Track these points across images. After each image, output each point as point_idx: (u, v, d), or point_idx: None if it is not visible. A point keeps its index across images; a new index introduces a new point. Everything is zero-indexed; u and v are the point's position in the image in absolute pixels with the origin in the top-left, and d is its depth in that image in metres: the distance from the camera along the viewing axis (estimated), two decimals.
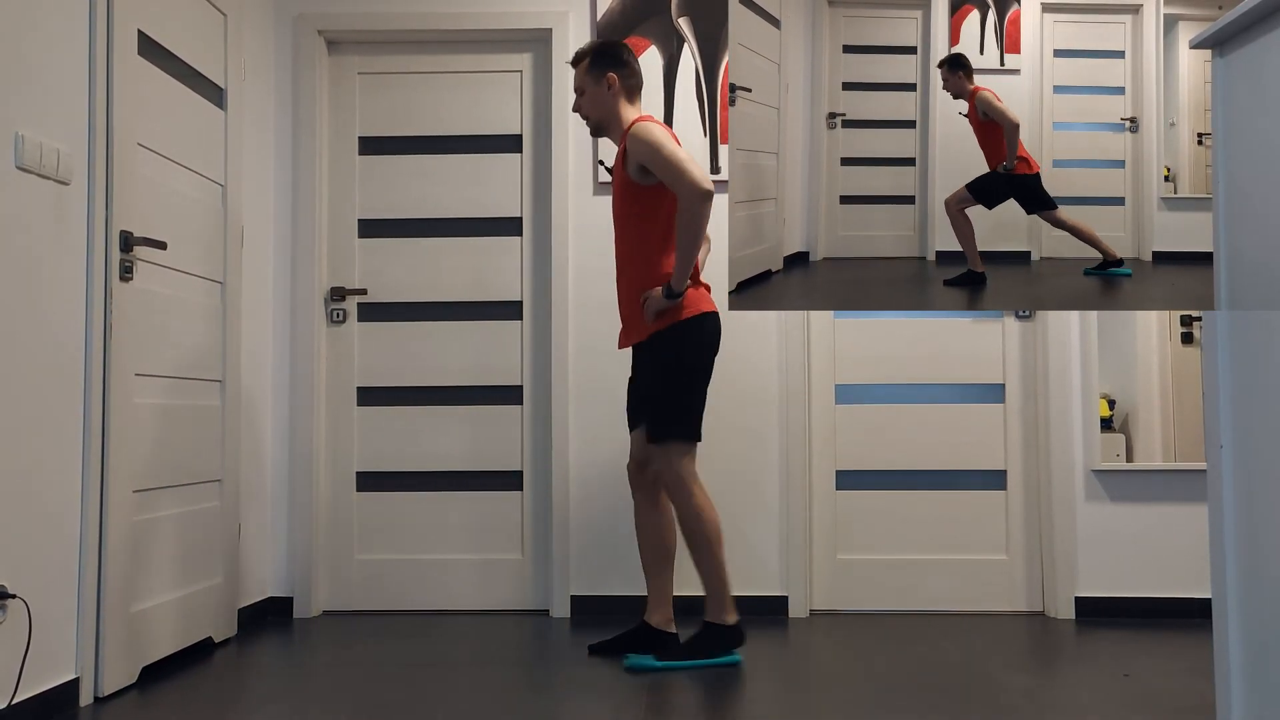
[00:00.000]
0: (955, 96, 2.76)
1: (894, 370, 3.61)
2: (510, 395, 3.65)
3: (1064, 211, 2.76)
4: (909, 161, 2.60)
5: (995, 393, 3.60)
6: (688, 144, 3.55)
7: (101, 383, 2.51)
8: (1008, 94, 2.61)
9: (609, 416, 3.54)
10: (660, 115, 3.56)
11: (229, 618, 3.18)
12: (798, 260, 2.57)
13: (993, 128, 2.78)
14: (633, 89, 2.92)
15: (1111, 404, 3.53)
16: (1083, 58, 2.63)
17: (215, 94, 3.17)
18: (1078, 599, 3.47)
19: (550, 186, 3.61)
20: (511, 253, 3.66)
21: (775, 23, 2.59)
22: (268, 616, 3.52)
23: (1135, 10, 2.62)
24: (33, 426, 2.27)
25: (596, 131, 2.95)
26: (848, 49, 2.60)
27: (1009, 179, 2.84)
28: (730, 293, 2.44)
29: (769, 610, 3.50)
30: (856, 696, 2.49)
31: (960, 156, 2.59)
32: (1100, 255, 2.73)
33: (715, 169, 3.54)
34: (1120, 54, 2.63)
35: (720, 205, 3.56)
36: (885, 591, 3.54)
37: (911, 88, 2.63)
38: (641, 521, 2.93)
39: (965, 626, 3.31)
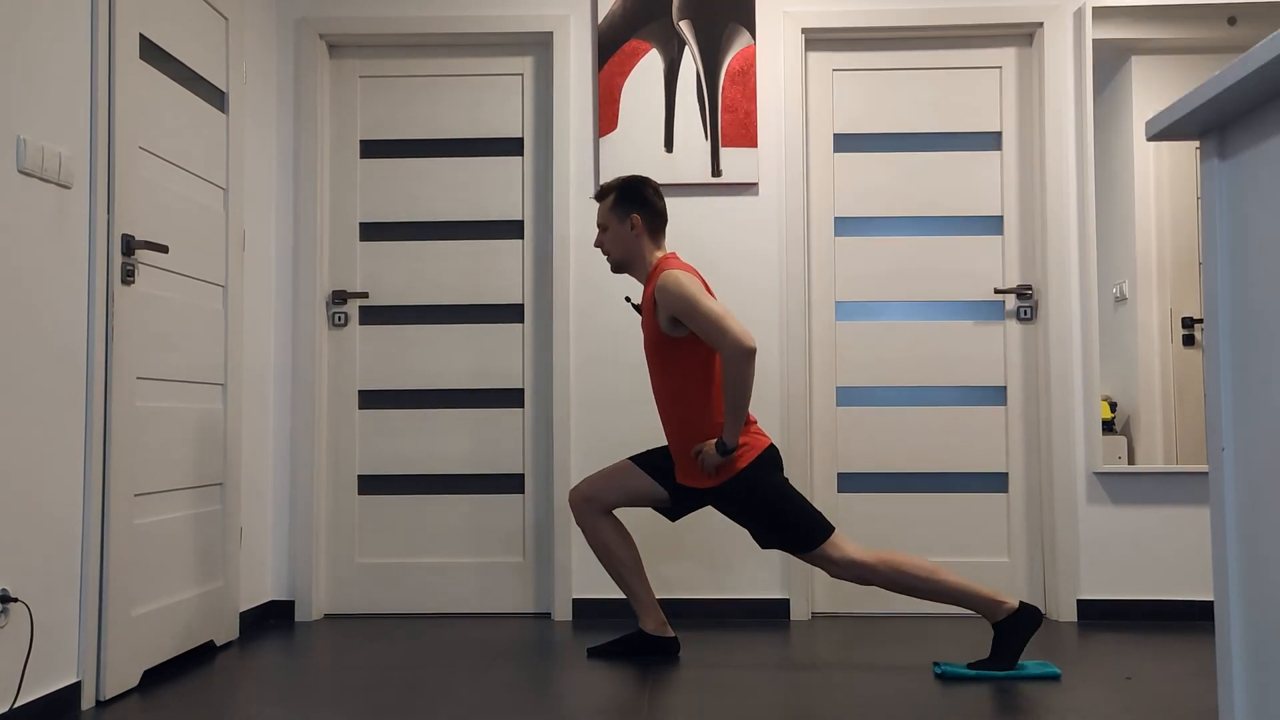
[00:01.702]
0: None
1: (895, 373, 3.61)
2: (511, 398, 3.65)
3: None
4: None
5: (997, 395, 3.60)
6: (688, 147, 3.55)
7: (103, 386, 2.51)
8: None
9: (610, 419, 3.54)
10: (661, 118, 3.56)
11: (230, 621, 3.18)
12: None
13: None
14: (657, 228, 2.89)
15: (1113, 406, 3.52)
16: None
17: (217, 97, 3.17)
18: (1079, 601, 3.46)
19: (551, 189, 3.61)
20: (513, 256, 3.66)
21: None
22: (269, 620, 3.53)
23: None
24: (34, 430, 2.27)
25: (617, 269, 2.92)
26: None
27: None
28: None
29: (771, 613, 3.49)
30: (858, 699, 2.48)
31: None
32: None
33: (717, 171, 3.54)
34: None
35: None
36: (886, 594, 3.54)
37: None
38: (594, 544, 2.92)
39: (966, 629, 3.30)
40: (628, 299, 3.11)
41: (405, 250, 3.68)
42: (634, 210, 2.86)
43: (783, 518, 2.74)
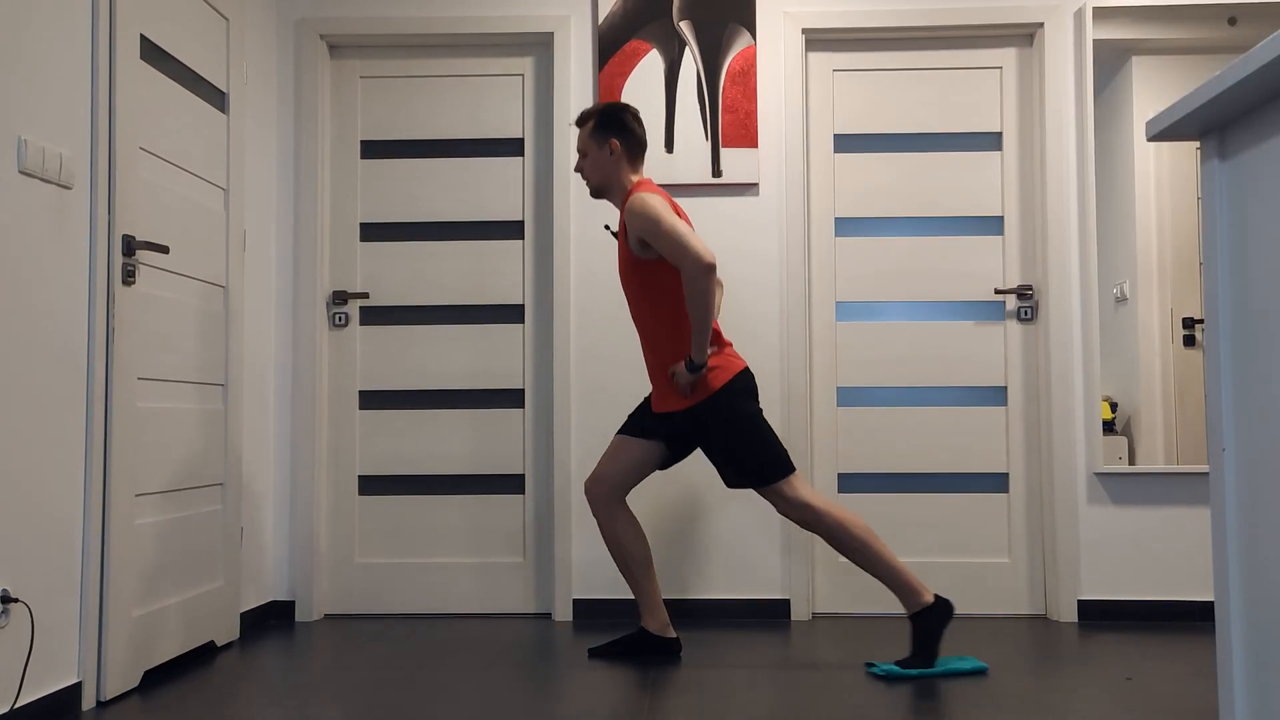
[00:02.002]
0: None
1: (896, 373, 3.61)
2: (512, 398, 3.65)
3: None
4: None
5: (997, 395, 3.60)
6: (689, 147, 3.55)
7: (104, 386, 2.51)
8: None
9: (611, 419, 3.54)
10: (662, 118, 3.56)
11: (231, 621, 3.18)
12: None
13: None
14: (635, 154, 2.92)
15: (1114, 406, 3.52)
16: None
17: (217, 98, 3.17)
18: (1080, 602, 3.46)
19: (552, 190, 3.61)
20: (513, 256, 3.67)
21: None
22: (270, 620, 3.53)
23: None
24: (35, 430, 2.28)
25: (596, 194, 2.95)
26: None
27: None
28: None
29: (771, 613, 3.49)
30: (859, 700, 2.48)
31: None
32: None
33: (717, 172, 3.54)
34: None
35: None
36: (887, 595, 3.54)
37: None
38: (608, 537, 2.93)
39: (967, 629, 3.30)
40: (606, 226, 3.12)
41: (406, 251, 3.68)
42: (613, 135, 2.89)
43: (748, 448, 2.78)
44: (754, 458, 2.78)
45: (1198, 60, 3.54)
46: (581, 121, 2.94)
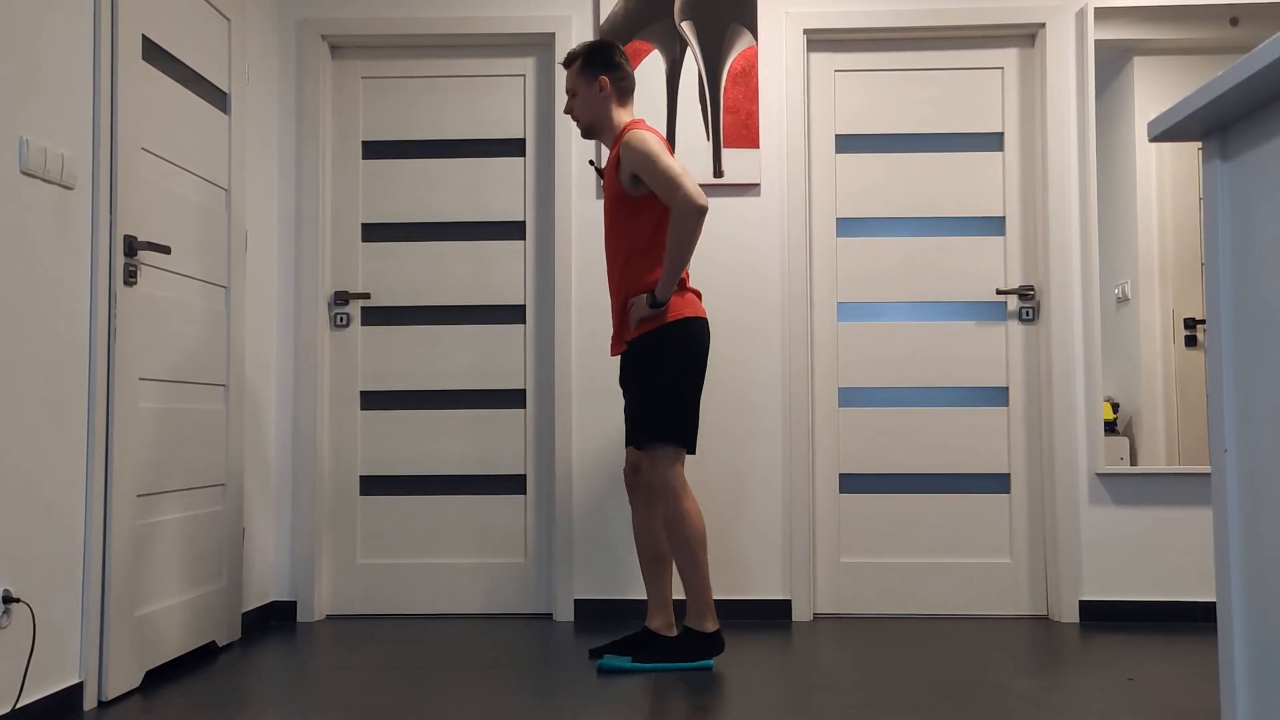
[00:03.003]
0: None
1: (897, 373, 3.61)
2: (513, 399, 3.65)
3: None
4: None
5: (999, 396, 3.60)
6: (691, 148, 3.55)
7: (105, 386, 2.51)
8: None
9: (612, 419, 3.54)
10: (663, 119, 3.56)
11: (232, 622, 3.18)
12: None
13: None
14: (625, 91, 2.91)
15: (1115, 407, 3.52)
16: None
17: (219, 98, 3.17)
18: (1081, 603, 3.46)
19: (553, 190, 3.61)
20: (514, 256, 3.67)
21: None
22: (271, 620, 3.53)
23: None
24: (37, 430, 2.28)
25: (587, 134, 2.95)
26: None
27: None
28: None
29: (772, 614, 3.49)
30: (860, 701, 2.48)
31: None
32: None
33: (719, 172, 3.54)
34: None
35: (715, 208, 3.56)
36: (888, 595, 3.54)
37: None
38: (638, 527, 2.93)
39: (969, 630, 3.30)
40: (591, 162, 3.11)
41: (407, 251, 3.68)
42: (601, 72, 2.88)
43: (654, 398, 2.75)
44: (657, 409, 2.75)
45: (1199, 61, 3.53)
46: (569, 61, 2.92)
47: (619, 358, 3.00)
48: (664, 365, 2.77)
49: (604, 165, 3.14)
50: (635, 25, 3.59)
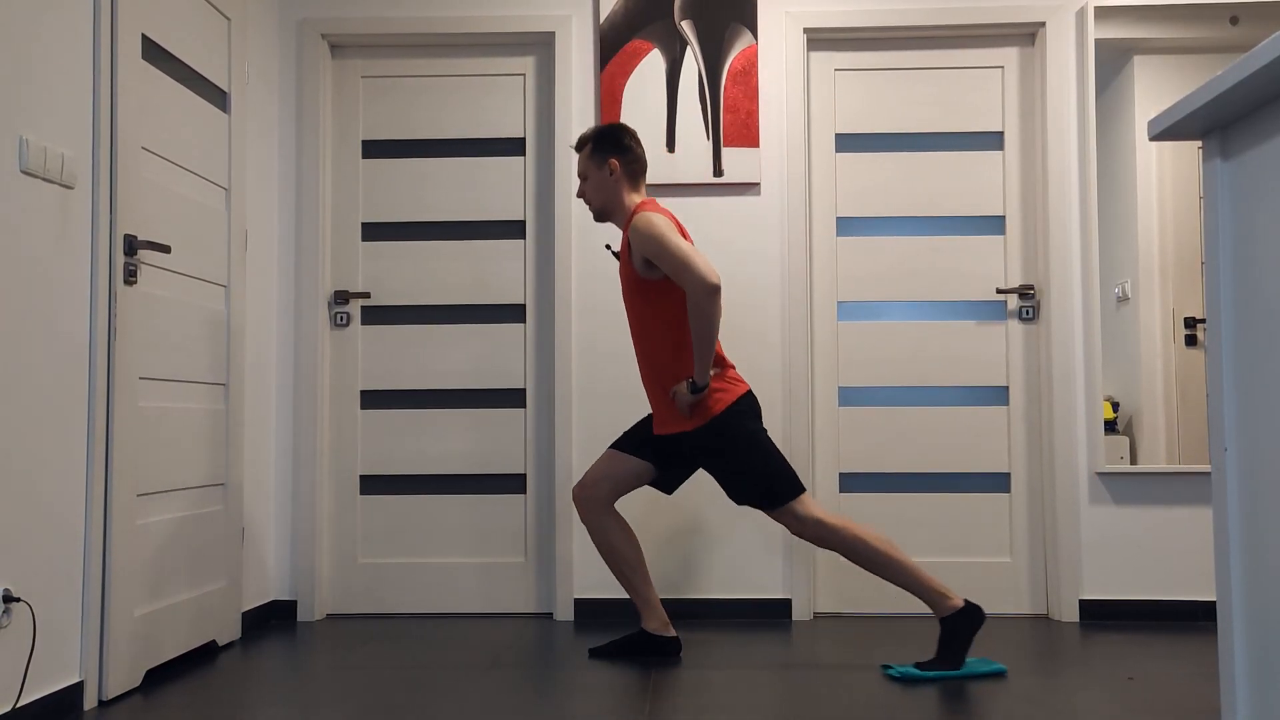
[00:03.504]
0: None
1: (897, 373, 3.61)
2: (513, 398, 3.65)
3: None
4: None
5: (999, 395, 3.60)
6: (690, 147, 3.55)
7: (105, 386, 2.51)
8: None
9: (612, 419, 3.55)
10: (663, 118, 3.56)
11: (233, 621, 3.18)
12: None
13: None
14: (636, 174, 2.90)
15: (1115, 406, 3.52)
16: None
17: (219, 98, 3.17)
18: (1082, 602, 3.46)
19: (553, 190, 3.61)
20: (514, 256, 3.67)
21: None
22: (271, 620, 3.53)
23: None
24: (37, 430, 2.28)
25: (599, 217, 2.93)
26: None
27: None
28: None
29: (772, 613, 3.49)
30: (860, 700, 2.48)
31: None
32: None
33: (719, 172, 3.54)
34: None
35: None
36: (889, 594, 3.54)
37: None
38: (599, 542, 2.93)
39: None
40: (608, 246, 3.11)
41: (407, 250, 3.68)
42: (612, 156, 2.88)
43: (754, 468, 2.75)
44: (763, 478, 2.75)
45: (1199, 60, 3.53)
46: (580, 145, 2.92)
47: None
48: (744, 444, 2.76)
49: (619, 249, 3.13)
50: (635, 24, 3.59)
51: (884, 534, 2.75)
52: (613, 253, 3.01)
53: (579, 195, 2.95)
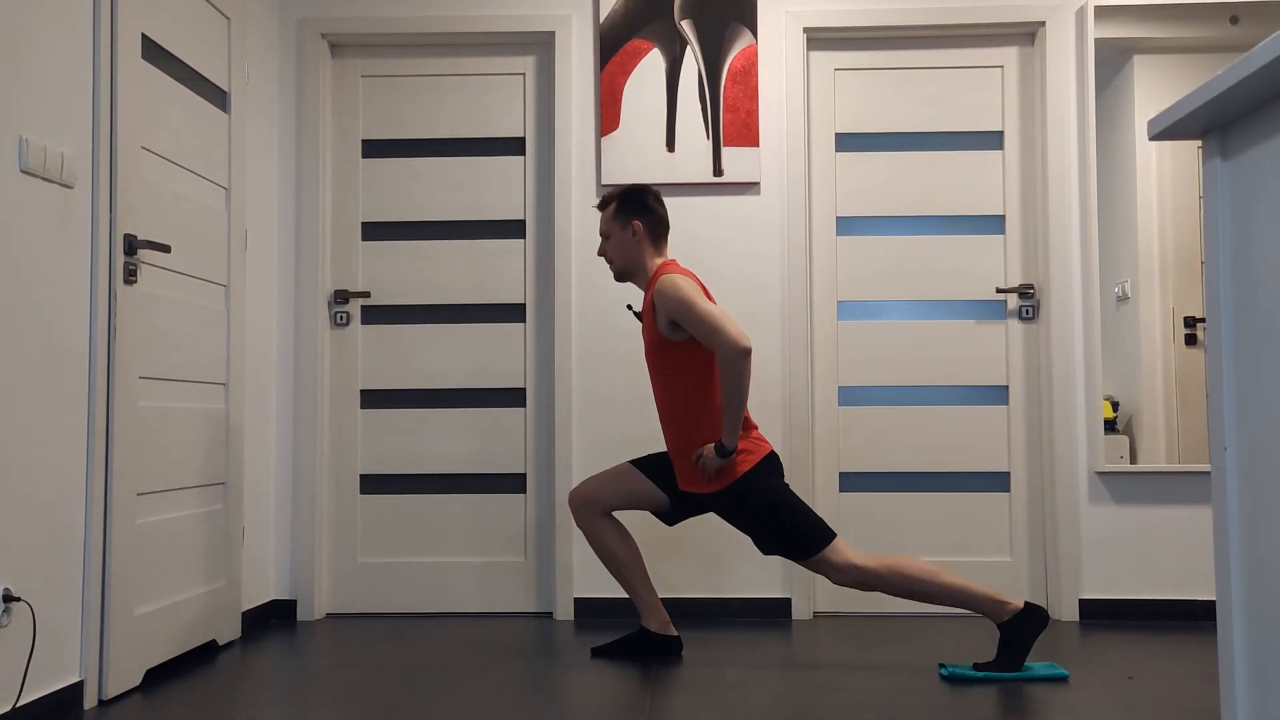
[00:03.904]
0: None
1: (897, 372, 3.61)
2: (513, 398, 3.65)
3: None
4: None
5: (999, 395, 3.60)
6: (690, 146, 3.55)
7: (105, 386, 2.51)
8: None
9: (612, 418, 3.55)
10: (663, 118, 3.56)
11: (233, 620, 3.18)
12: None
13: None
14: (659, 236, 2.90)
15: (1115, 406, 3.52)
16: None
17: (219, 97, 3.17)
18: (1081, 601, 3.46)
19: (553, 189, 3.61)
20: (514, 255, 3.67)
21: None
22: (271, 619, 3.53)
23: None
24: (37, 430, 2.28)
25: (620, 277, 2.93)
26: None
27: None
28: None
29: (772, 612, 3.49)
30: (859, 699, 2.48)
31: None
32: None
33: (718, 171, 3.54)
34: None
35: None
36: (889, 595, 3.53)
37: None
38: (596, 547, 2.93)
39: (968, 628, 3.30)
40: (629, 307, 3.11)
41: (407, 250, 3.68)
42: (635, 217, 2.88)
43: (783, 524, 2.74)
44: (794, 531, 2.73)
45: (1199, 59, 3.53)
46: (603, 205, 2.92)
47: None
48: (769, 498, 2.74)
49: (641, 309, 3.13)
50: (635, 24, 3.59)
51: (924, 562, 2.72)
52: (634, 314, 3.00)
53: (600, 254, 2.94)
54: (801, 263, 3.54)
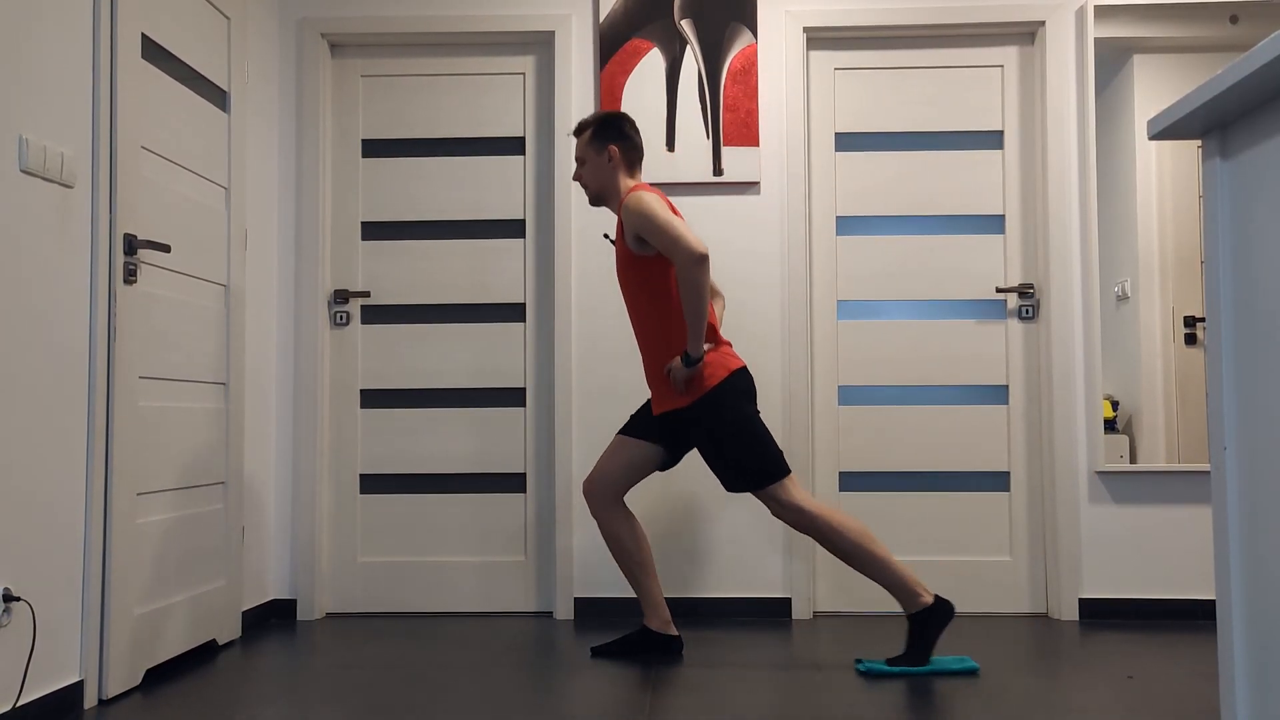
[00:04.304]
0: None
1: (897, 372, 3.61)
2: (513, 397, 3.65)
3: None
4: None
5: (999, 394, 3.60)
6: (691, 146, 3.55)
7: (105, 385, 2.51)
8: None
9: (612, 417, 3.55)
10: (663, 117, 3.56)
11: (233, 620, 3.18)
12: None
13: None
14: (633, 161, 2.94)
15: (1115, 405, 3.52)
16: None
17: (219, 97, 3.17)
18: (1081, 600, 3.46)
19: (553, 189, 3.61)
20: (514, 255, 3.67)
21: None
22: (271, 619, 3.53)
23: None
24: (37, 429, 2.28)
25: (595, 201, 2.96)
26: None
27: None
28: None
29: (772, 612, 3.49)
30: (860, 699, 2.48)
31: None
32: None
33: (718, 171, 3.54)
34: None
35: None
36: (888, 593, 3.53)
37: None
38: (607, 536, 2.94)
39: (969, 628, 3.30)
40: (605, 235, 3.13)
41: (407, 249, 3.68)
42: (611, 142, 2.91)
43: (747, 449, 2.78)
44: (751, 459, 2.78)
45: (1199, 59, 3.53)
46: (579, 130, 2.95)
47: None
48: (734, 419, 2.78)
49: (614, 235, 3.16)
50: (635, 23, 3.59)
51: (864, 527, 2.77)
52: (610, 240, 3.05)
53: (575, 179, 2.98)
54: (801, 262, 3.54)
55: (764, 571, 3.51)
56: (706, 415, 2.80)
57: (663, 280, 2.82)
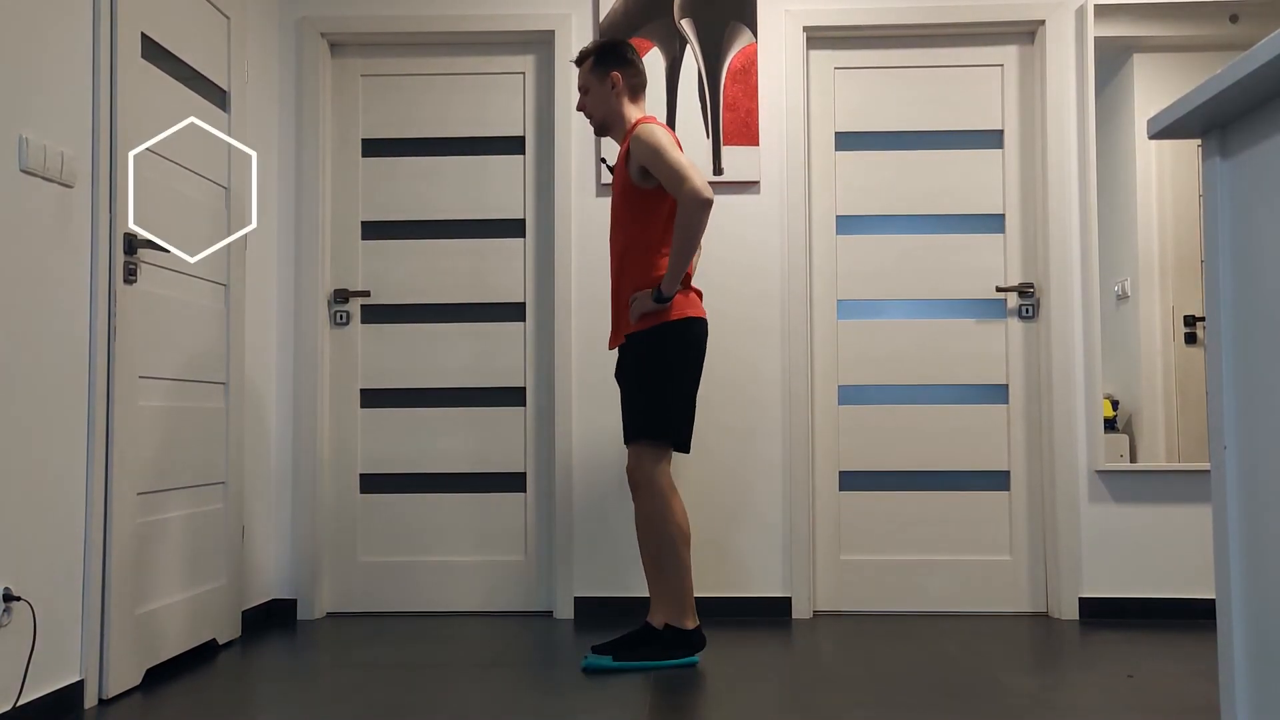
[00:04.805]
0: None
1: (897, 371, 3.61)
2: (513, 397, 3.65)
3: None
4: None
5: (999, 393, 3.60)
6: (691, 145, 3.55)
7: (105, 385, 2.51)
8: None
9: (612, 417, 3.55)
10: (663, 117, 3.56)
11: (233, 619, 3.18)
12: None
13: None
14: (637, 88, 2.93)
15: (1115, 404, 3.52)
16: None
17: (219, 96, 3.17)
18: (1081, 600, 3.46)
19: (553, 188, 3.61)
20: (514, 254, 3.67)
21: None
22: (272, 618, 3.53)
23: None
24: (37, 429, 2.28)
25: (600, 130, 2.96)
26: None
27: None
28: None
29: (772, 611, 3.50)
30: (860, 698, 2.48)
31: None
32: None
33: (718, 170, 3.54)
34: None
35: (718, 208, 3.57)
36: (888, 592, 3.54)
37: None
38: (646, 513, 2.91)
39: (969, 627, 3.31)
40: (603, 160, 3.11)
41: (407, 249, 3.68)
42: (614, 69, 2.90)
43: (644, 393, 2.77)
44: (649, 405, 2.76)
45: (1199, 58, 3.53)
46: (581, 59, 2.94)
47: (617, 350, 3.02)
48: (660, 362, 2.78)
49: (614, 162, 3.15)
50: (635, 23, 3.59)
51: (689, 534, 2.76)
52: (607, 166, 3.02)
53: (579, 108, 2.97)
54: (801, 261, 3.54)
55: (764, 571, 3.51)
56: (642, 347, 2.78)
57: (656, 215, 2.81)
